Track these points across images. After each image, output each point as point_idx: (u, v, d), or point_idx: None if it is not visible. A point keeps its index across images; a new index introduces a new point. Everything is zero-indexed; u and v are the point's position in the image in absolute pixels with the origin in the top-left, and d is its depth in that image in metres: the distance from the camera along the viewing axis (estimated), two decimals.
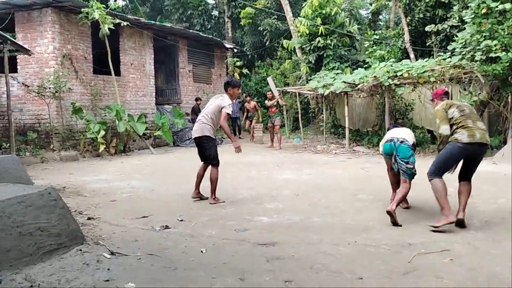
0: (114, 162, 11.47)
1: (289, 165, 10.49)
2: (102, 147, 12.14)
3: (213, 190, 6.50)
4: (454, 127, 5.06)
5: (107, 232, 4.89)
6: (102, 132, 12.15)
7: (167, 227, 5.12)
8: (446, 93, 5.61)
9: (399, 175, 5.46)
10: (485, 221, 5.27)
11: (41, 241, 3.84)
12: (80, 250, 4.12)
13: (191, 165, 10.83)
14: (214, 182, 6.46)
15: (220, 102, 6.52)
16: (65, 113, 12.39)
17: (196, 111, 17.37)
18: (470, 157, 5.10)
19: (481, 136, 4.98)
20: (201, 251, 4.30)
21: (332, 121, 16.61)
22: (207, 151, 6.50)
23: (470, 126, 4.99)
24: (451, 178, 5.32)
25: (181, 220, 5.44)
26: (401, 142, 5.41)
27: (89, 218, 5.45)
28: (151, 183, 8.31)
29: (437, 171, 5.06)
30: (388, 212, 5.07)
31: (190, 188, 7.60)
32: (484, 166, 9.47)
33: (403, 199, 5.48)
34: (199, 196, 6.70)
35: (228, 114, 6.45)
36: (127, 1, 29.02)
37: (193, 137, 6.67)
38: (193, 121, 17.06)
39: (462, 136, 4.96)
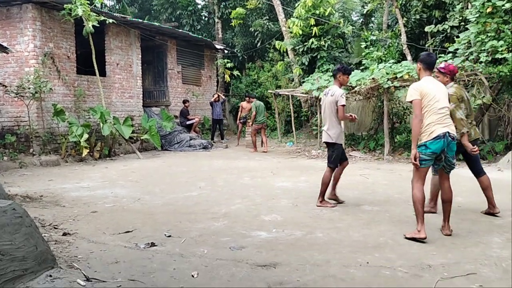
0: (98, 168, 10.81)
1: (284, 171, 9.93)
2: (85, 152, 11.45)
3: (322, 193, 6.31)
4: None
5: (83, 251, 4.28)
6: (86, 136, 11.45)
7: (153, 244, 4.52)
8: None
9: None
10: (506, 237, 4.75)
11: (2, 267, 3.22)
12: (50, 275, 3.52)
13: (180, 171, 10.29)
14: (323, 184, 6.29)
15: (334, 97, 6.17)
16: (46, 115, 11.69)
17: (184, 114, 16.77)
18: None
19: None
20: (192, 276, 3.72)
21: None
22: (328, 153, 6.44)
23: None
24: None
25: (169, 236, 4.84)
26: (452, 138, 4.71)
27: (64, 234, 4.83)
28: (136, 191, 7.68)
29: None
30: None
31: (178, 197, 7.04)
32: (489, 173, 9.06)
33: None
34: (335, 198, 6.53)
35: (343, 105, 6.14)
36: (115, 1, 28.32)
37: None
38: (181, 124, 16.47)
39: None
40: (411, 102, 4.76)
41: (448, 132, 4.64)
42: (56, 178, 9.11)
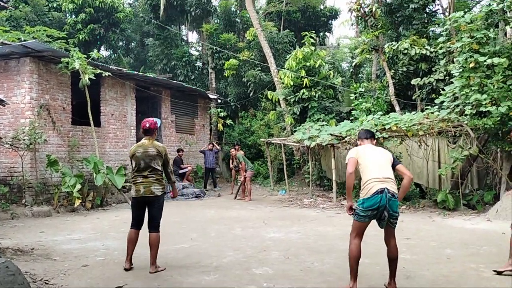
0: (90, 218, 10.80)
1: (275, 221, 9.97)
2: (77, 202, 11.46)
3: None
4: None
5: None
6: (78, 186, 11.50)
7: None
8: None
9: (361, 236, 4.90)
10: None
11: None
12: None
13: (173, 221, 10.26)
14: None
15: None
16: (39, 166, 11.77)
17: (178, 162, 16.90)
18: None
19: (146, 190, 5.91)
20: None
21: (318, 173, 16.26)
22: None
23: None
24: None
25: None
26: (392, 195, 4.68)
27: None
28: None
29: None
30: None
31: (169, 250, 7.04)
32: (479, 224, 9.17)
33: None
34: None
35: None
36: (111, 52, 29.01)
37: None
38: (175, 172, 16.54)
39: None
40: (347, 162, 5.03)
41: (387, 189, 4.67)
42: (48, 229, 9.09)
